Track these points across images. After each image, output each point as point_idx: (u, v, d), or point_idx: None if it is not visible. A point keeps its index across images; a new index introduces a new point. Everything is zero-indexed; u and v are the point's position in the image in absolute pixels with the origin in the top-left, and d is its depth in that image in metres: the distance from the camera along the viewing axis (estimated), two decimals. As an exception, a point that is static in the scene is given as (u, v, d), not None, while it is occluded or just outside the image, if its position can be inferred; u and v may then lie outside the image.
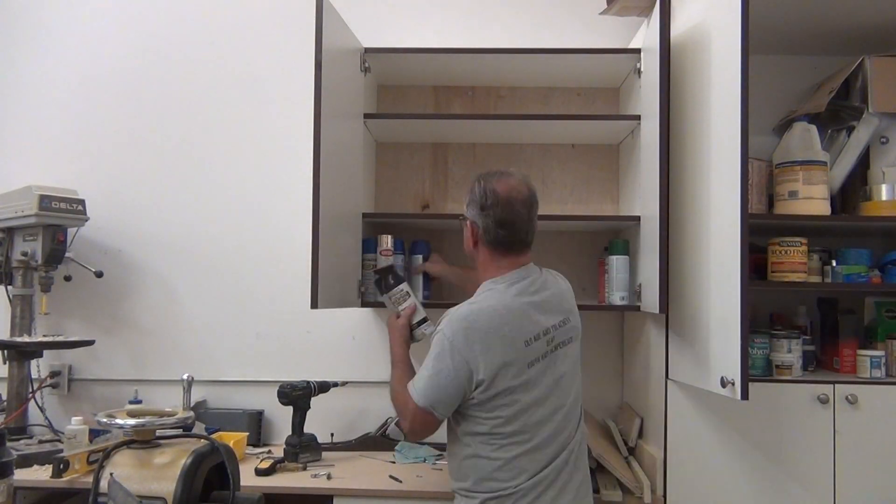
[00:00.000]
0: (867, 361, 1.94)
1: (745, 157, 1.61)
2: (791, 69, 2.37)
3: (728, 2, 1.66)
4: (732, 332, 1.61)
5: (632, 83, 2.23)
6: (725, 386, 1.64)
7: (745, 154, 1.61)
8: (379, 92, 2.45)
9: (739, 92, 1.61)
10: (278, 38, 2.53)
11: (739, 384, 1.59)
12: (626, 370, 2.38)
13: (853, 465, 1.84)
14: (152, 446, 1.32)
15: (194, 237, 2.51)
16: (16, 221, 2.30)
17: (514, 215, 1.58)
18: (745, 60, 1.61)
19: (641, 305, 2.05)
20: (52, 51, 2.60)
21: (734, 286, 1.60)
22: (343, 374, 2.37)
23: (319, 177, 1.85)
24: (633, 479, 1.91)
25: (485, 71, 2.34)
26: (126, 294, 2.53)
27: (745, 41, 1.61)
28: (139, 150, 2.55)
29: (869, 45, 2.20)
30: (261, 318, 2.48)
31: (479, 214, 1.60)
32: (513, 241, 1.60)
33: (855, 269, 2.00)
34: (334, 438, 2.36)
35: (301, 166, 2.37)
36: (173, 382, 2.34)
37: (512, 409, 1.51)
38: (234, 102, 2.53)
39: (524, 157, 2.44)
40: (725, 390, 1.64)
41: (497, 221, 1.58)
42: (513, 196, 1.58)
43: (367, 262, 2.19)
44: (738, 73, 1.61)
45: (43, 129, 2.58)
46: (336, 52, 1.96)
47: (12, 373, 2.27)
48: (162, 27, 2.57)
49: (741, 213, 1.60)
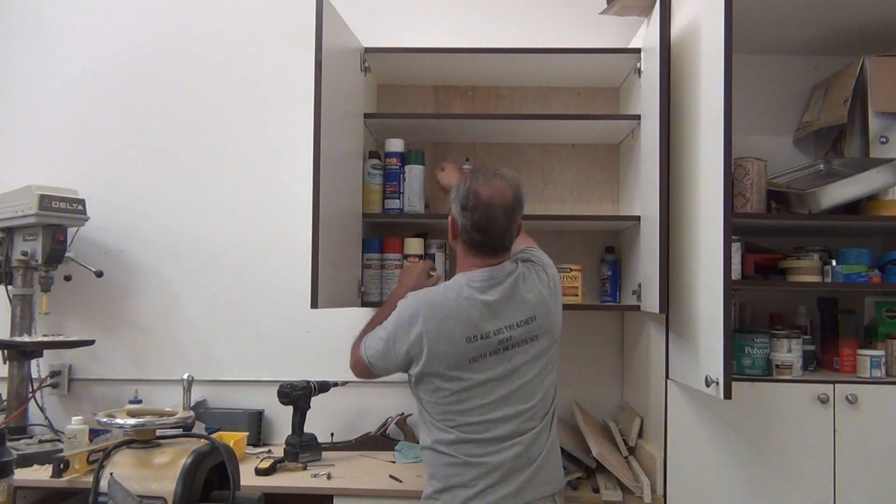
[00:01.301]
0: (867, 361, 1.94)
1: (729, 156, 1.61)
2: (791, 69, 2.37)
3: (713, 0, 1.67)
4: (716, 331, 1.62)
5: (632, 83, 2.23)
6: (710, 385, 1.65)
7: (729, 154, 1.61)
8: (379, 92, 2.45)
9: (723, 91, 1.61)
10: (278, 38, 2.53)
11: (723, 383, 1.60)
12: (626, 370, 2.38)
13: (853, 465, 1.84)
14: (152, 446, 1.32)
15: (194, 237, 2.51)
16: (16, 221, 2.30)
17: (492, 222, 1.58)
18: (728, 60, 1.61)
19: (641, 305, 2.05)
20: (53, 51, 2.60)
21: (718, 286, 1.62)
22: (343, 374, 2.32)
23: (319, 177, 1.85)
24: (633, 478, 1.91)
25: (485, 71, 2.34)
26: (126, 294, 2.53)
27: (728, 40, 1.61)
28: (139, 150, 2.55)
29: (869, 45, 2.20)
30: (261, 318, 2.48)
31: (460, 213, 1.61)
32: (486, 245, 1.61)
33: (855, 268, 2.00)
34: (334, 438, 2.36)
35: (301, 166, 2.37)
36: (173, 382, 2.35)
37: (441, 394, 1.56)
38: (235, 102, 2.53)
39: (524, 157, 2.44)
40: (710, 389, 1.65)
41: (474, 225, 1.58)
42: (494, 202, 1.57)
43: (367, 262, 2.19)
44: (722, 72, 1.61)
45: (43, 129, 2.58)
46: (336, 52, 1.96)
47: (12, 372, 2.27)
48: (162, 26, 2.57)
49: (724, 212, 1.61)
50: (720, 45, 1.62)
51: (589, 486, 1.96)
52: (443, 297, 1.58)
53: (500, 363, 1.57)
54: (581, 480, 1.99)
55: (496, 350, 1.56)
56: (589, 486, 1.96)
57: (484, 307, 1.57)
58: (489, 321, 1.56)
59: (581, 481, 1.99)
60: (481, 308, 1.56)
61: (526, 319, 1.59)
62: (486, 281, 1.59)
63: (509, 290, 1.59)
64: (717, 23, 1.65)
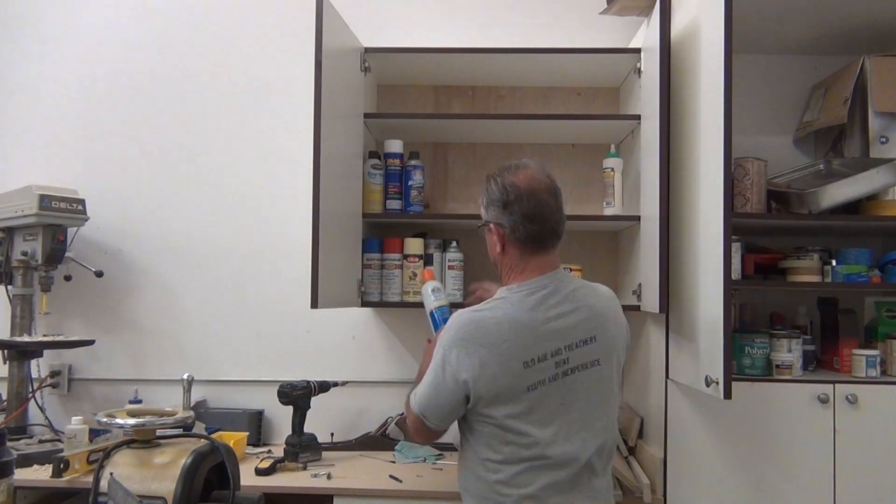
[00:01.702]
0: (863, 361, 1.94)
1: (729, 156, 1.61)
2: (791, 69, 2.36)
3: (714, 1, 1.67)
4: (716, 331, 1.62)
5: (632, 83, 2.23)
6: (710, 385, 1.65)
7: (729, 154, 1.61)
8: (379, 92, 2.45)
9: (723, 91, 1.61)
10: (278, 38, 2.53)
11: (723, 384, 1.60)
12: (626, 370, 2.38)
13: (853, 465, 1.84)
14: (152, 446, 1.32)
15: (194, 237, 2.51)
16: (16, 221, 2.30)
17: (542, 205, 1.42)
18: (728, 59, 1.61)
19: (641, 305, 2.05)
20: (53, 51, 2.59)
21: (718, 286, 1.62)
22: (343, 373, 2.37)
23: (319, 177, 1.85)
24: (634, 479, 1.91)
25: (485, 71, 2.34)
26: (126, 294, 2.53)
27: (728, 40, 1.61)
28: (139, 150, 2.55)
29: (869, 45, 2.20)
30: (261, 318, 2.48)
31: (503, 213, 1.44)
32: (544, 234, 1.44)
33: (855, 268, 2.00)
34: (334, 438, 2.36)
35: (301, 166, 2.37)
36: (173, 382, 2.34)
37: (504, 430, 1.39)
38: (235, 102, 2.53)
39: (524, 156, 2.42)
40: (710, 389, 1.65)
41: (525, 216, 1.42)
42: (534, 186, 1.43)
43: (367, 262, 2.19)
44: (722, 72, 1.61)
45: (43, 129, 2.58)
46: (336, 52, 1.96)
47: (12, 372, 2.27)
48: (162, 27, 2.57)
49: (724, 212, 1.61)
50: (720, 45, 1.62)
51: (589, 486, 1.96)
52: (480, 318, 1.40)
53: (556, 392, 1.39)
54: (581, 480, 1.99)
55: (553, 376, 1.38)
56: (589, 486, 1.96)
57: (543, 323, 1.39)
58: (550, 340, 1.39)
59: (581, 481, 1.99)
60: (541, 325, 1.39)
61: (584, 340, 1.42)
62: (546, 289, 1.42)
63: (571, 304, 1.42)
64: (717, 23, 1.65)
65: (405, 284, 2.20)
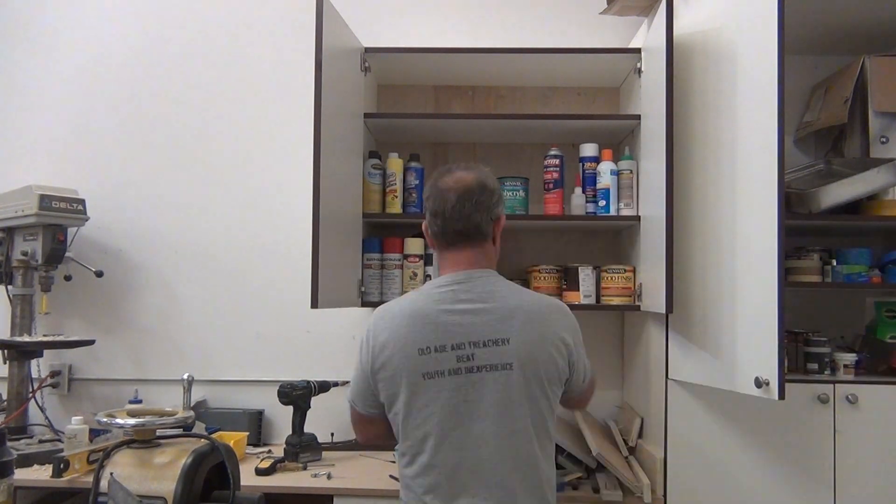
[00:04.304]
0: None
1: (782, 161, 1.61)
2: (791, 69, 2.35)
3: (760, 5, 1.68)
4: (768, 333, 1.61)
5: (632, 83, 2.23)
6: (760, 386, 1.63)
7: (782, 158, 1.61)
8: (379, 92, 2.45)
9: (776, 100, 1.63)
10: (279, 38, 2.53)
11: (777, 384, 1.59)
12: (626, 370, 2.38)
13: (853, 465, 1.84)
14: (152, 446, 1.32)
15: (194, 237, 2.51)
16: (16, 221, 2.30)
17: (445, 204, 1.43)
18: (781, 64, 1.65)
19: (642, 306, 2.05)
20: (53, 51, 2.60)
21: (770, 289, 1.60)
22: (343, 373, 2.36)
23: (319, 177, 1.85)
24: (634, 478, 1.91)
25: (485, 71, 2.34)
26: (126, 294, 2.53)
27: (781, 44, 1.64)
28: (139, 150, 2.55)
29: (869, 45, 2.20)
30: (261, 318, 2.48)
31: (426, 212, 1.50)
32: (447, 231, 1.44)
33: (855, 268, 2.00)
34: (334, 438, 2.36)
35: (301, 166, 2.37)
36: (173, 382, 2.34)
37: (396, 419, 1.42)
38: (235, 102, 2.53)
39: (524, 156, 2.43)
40: (760, 391, 1.63)
41: (432, 213, 1.46)
42: (448, 186, 1.44)
43: (367, 262, 2.19)
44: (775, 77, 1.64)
45: (43, 129, 2.58)
46: (336, 52, 1.96)
47: (12, 372, 2.27)
48: (162, 27, 2.57)
49: (778, 216, 1.60)
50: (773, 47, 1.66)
51: (589, 486, 1.96)
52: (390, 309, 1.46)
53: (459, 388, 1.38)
54: (581, 480, 1.99)
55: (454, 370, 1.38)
56: (589, 486, 1.97)
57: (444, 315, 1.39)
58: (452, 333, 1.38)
59: (581, 481, 1.99)
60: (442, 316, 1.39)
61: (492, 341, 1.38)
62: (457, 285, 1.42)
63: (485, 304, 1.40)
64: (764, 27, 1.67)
65: (405, 284, 2.20)
